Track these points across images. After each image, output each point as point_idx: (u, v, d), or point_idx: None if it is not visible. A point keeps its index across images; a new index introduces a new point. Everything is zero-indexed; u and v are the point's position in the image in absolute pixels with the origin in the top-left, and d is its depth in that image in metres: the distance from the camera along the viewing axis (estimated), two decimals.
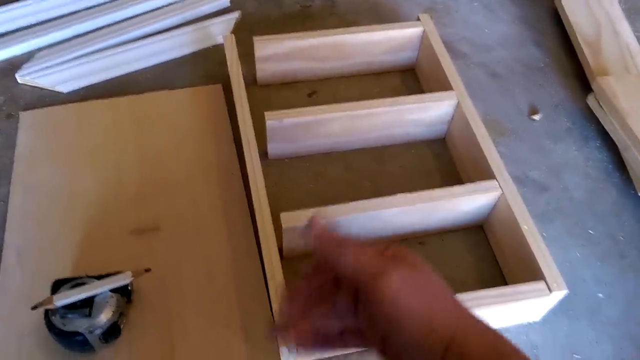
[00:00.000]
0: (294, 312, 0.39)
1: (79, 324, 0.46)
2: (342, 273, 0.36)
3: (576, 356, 0.51)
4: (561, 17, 0.81)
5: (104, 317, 0.47)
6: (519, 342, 0.52)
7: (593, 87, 0.70)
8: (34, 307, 0.46)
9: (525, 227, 0.52)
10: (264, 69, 0.70)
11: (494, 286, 0.54)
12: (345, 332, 0.39)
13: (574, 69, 0.76)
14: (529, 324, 0.53)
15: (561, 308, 0.53)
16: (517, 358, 0.33)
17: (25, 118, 0.66)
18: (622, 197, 0.63)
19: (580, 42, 0.75)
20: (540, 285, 0.49)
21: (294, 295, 0.39)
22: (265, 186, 0.55)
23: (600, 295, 0.56)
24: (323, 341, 0.39)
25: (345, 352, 0.40)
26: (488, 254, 0.58)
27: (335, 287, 0.39)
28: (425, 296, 0.34)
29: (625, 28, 0.77)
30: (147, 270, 0.50)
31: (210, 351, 0.50)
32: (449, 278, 0.55)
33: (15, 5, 0.77)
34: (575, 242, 0.59)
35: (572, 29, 0.77)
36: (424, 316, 0.33)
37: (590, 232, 0.60)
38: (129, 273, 0.49)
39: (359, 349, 0.39)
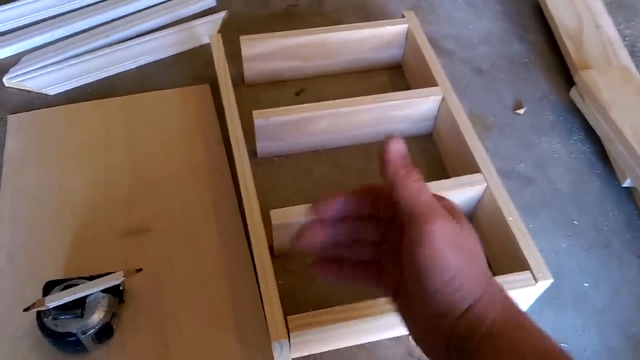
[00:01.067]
0: (324, 215, 0.38)
1: (71, 325, 0.47)
2: (399, 201, 0.35)
3: (563, 345, 0.52)
4: (544, 11, 0.82)
5: (96, 317, 0.47)
6: None
7: (576, 80, 0.71)
8: (27, 309, 0.47)
9: (511, 218, 0.53)
10: (251, 68, 0.70)
11: None
12: (364, 265, 0.39)
13: (558, 63, 0.77)
14: None
15: (548, 298, 0.54)
16: (538, 332, 0.34)
17: (13, 121, 0.66)
18: (606, 188, 0.64)
19: (563, 36, 0.76)
20: (526, 275, 0.50)
21: (326, 205, 0.38)
22: (255, 185, 0.56)
23: (586, 284, 0.57)
24: (337, 267, 0.39)
25: (352, 284, 0.40)
26: None
27: (368, 218, 0.39)
28: (463, 256, 0.34)
29: (606, 22, 0.78)
30: (139, 270, 0.51)
31: (204, 349, 0.50)
32: None
33: (0, 8, 0.77)
34: (561, 233, 0.60)
35: (555, 23, 0.78)
36: (456, 271, 0.33)
37: (575, 222, 0.61)
38: (120, 273, 0.50)
39: (368, 286, 0.39)
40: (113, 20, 0.78)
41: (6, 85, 0.70)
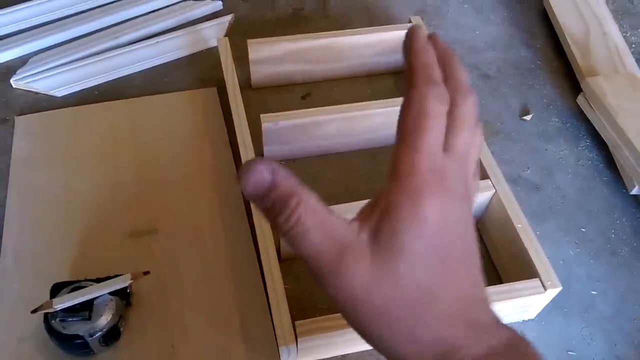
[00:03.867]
0: None
1: (78, 327, 0.46)
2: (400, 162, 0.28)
3: (571, 353, 0.52)
4: (550, 18, 0.82)
5: (104, 320, 0.47)
6: None
7: (583, 87, 0.71)
8: (34, 311, 0.46)
9: (519, 225, 0.53)
10: (258, 72, 0.70)
11: (488, 283, 0.55)
12: None
13: (564, 69, 0.77)
14: (524, 321, 0.54)
15: (555, 305, 0.54)
16: None
17: (21, 123, 0.66)
18: (613, 195, 0.64)
19: (569, 42, 0.76)
20: (534, 282, 0.50)
21: None
22: None
23: (594, 292, 0.57)
24: None
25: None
26: (482, 253, 0.58)
27: None
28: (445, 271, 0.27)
29: (613, 29, 0.79)
30: (146, 273, 0.51)
31: (210, 353, 0.50)
32: None
33: (8, 9, 0.77)
34: (568, 240, 0.60)
35: (561, 30, 0.78)
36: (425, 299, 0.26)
37: (583, 230, 0.61)
38: (128, 276, 0.50)
39: None
40: (121, 23, 0.78)
41: (14, 86, 0.70)
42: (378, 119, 0.64)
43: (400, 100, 0.65)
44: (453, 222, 0.28)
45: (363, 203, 0.53)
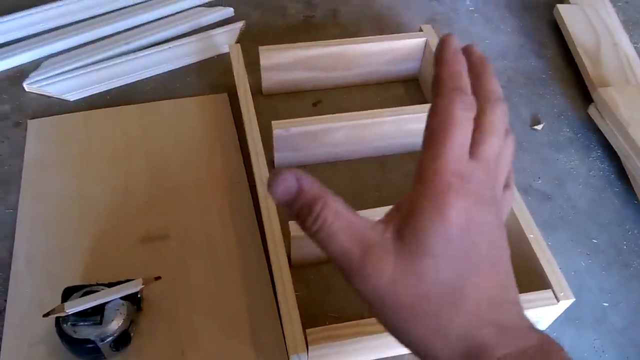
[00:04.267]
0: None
1: (90, 331, 0.46)
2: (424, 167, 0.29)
3: None
4: (560, 28, 0.83)
5: (115, 324, 0.47)
6: None
7: (594, 97, 0.71)
8: (46, 315, 0.46)
9: (531, 235, 0.53)
10: (269, 79, 0.71)
11: None
12: None
13: (575, 79, 0.77)
14: None
15: (567, 317, 0.54)
16: None
17: (34, 126, 0.66)
18: (625, 207, 0.64)
19: (580, 53, 0.76)
20: (547, 294, 0.49)
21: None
22: None
23: (606, 304, 0.56)
24: None
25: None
26: None
27: None
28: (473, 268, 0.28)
29: (624, 39, 0.79)
30: (157, 278, 0.51)
31: (220, 358, 0.50)
32: None
33: (22, 13, 0.77)
34: (580, 251, 0.60)
35: (572, 40, 0.79)
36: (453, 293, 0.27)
37: (594, 241, 0.61)
38: (139, 281, 0.50)
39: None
40: (133, 28, 0.79)
41: (27, 90, 0.70)
42: (388, 126, 0.64)
43: (410, 108, 0.65)
44: (478, 224, 0.28)
45: (372, 210, 0.53)
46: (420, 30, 0.73)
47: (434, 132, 0.29)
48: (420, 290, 0.27)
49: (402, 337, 0.29)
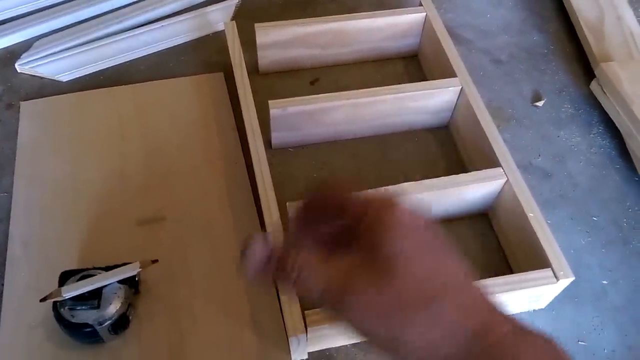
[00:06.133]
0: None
1: (87, 315, 0.46)
2: (352, 204, 0.32)
3: (581, 343, 0.52)
4: (564, 2, 0.81)
5: (113, 308, 0.47)
6: None
7: (596, 73, 0.70)
8: (43, 299, 0.46)
9: (531, 214, 0.52)
10: (265, 57, 0.69)
11: (499, 273, 0.55)
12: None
13: (577, 55, 0.76)
14: (534, 311, 0.54)
15: (566, 295, 0.53)
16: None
17: (26, 108, 0.65)
18: (626, 184, 0.63)
19: (583, 27, 0.75)
20: (546, 272, 0.49)
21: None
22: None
23: (605, 281, 0.56)
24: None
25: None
26: (493, 242, 0.58)
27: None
28: (437, 254, 0.30)
29: (628, 13, 0.77)
30: (155, 261, 0.50)
31: (219, 341, 0.50)
32: None
33: None
34: (580, 229, 0.60)
35: (575, 14, 0.77)
36: (433, 267, 0.30)
37: (594, 218, 0.60)
38: (136, 264, 0.49)
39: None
40: (126, 6, 0.77)
41: (18, 71, 0.69)
42: (388, 105, 0.62)
43: (410, 86, 0.64)
44: (424, 226, 0.31)
45: (371, 190, 0.53)
46: (420, 4, 0.71)
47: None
48: (402, 291, 0.29)
49: (405, 346, 0.29)
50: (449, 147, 0.65)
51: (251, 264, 0.31)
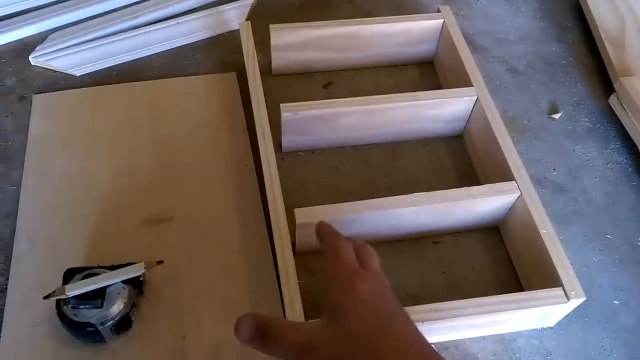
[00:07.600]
0: None
1: (90, 315, 0.46)
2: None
3: None
4: (584, 12, 0.79)
5: (116, 308, 0.47)
6: (532, 348, 0.51)
7: (616, 87, 0.68)
8: (46, 297, 0.46)
9: (544, 231, 0.51)
10: (279, 58, 0.69)
11: (508, 288, 0.54)
12: None
13: (596, 67, 0.74)
14: (543, 329, 0.53)
15: (576, 314, 0.52)
16: None
17: (38, 101, 0.65)
18: None
19: (604, 39, 0.73)
20: (557, 292, 0.48)
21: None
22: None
23: (616, 302, 0.55)
24: None
25: None
26: (503, 256, 0.57)
27: None
28: None
29: None
30: (160, 262, 0.50)
31: (221, 343, 0.49)
32: (462, 278, 0.54)
33: None
34: (592, 247, 0.58)
35: (595, 25, 0.75)
36: None
37: (608, 236, 0.59)
38: (141, 264, 0.49)
39: None
40: (142, 2, 0.77)
41: (32, 63, 0.69)
42: (401, 112, 0.62)
43: (424, 94, 0.63)
44: (381, 291, 0.40)
45: (381, 200, 0.52)
46: (438, 11, 0.70)
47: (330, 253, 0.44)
48: (352, 340, 0.37)
49: None
50: (461, 157, 0.64)
51: (242, 338, 0.39)
